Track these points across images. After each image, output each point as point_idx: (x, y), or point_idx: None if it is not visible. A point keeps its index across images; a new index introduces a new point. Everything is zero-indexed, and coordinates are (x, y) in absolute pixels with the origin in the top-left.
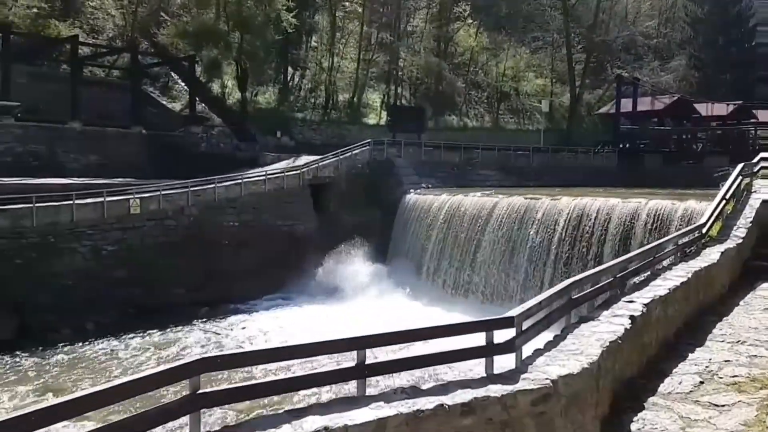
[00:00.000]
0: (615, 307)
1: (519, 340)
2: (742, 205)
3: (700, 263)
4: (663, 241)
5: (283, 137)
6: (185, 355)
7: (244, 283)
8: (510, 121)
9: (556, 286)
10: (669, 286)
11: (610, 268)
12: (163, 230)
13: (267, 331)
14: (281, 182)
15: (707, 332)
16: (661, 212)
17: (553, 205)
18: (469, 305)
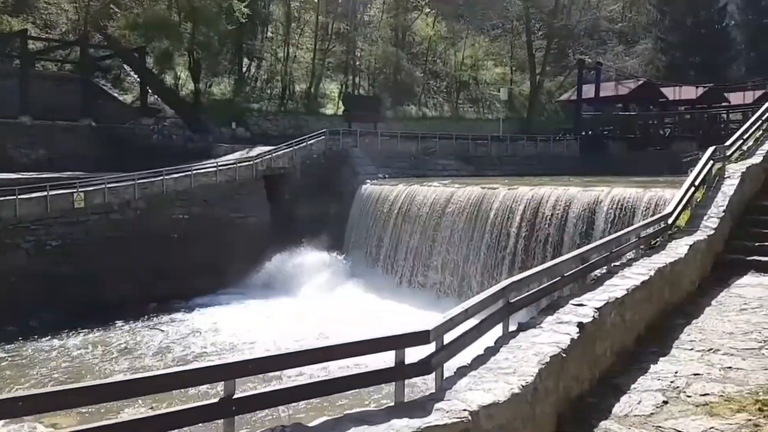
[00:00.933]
0: (561, 312)
1: (437, 358)
2: (713, 192)
3: (665, 258)
4: (622, 233)
5: (239, 128)
6: (131, 352)
7: (195, 277)
8: (469, 110)
9: (490, 288)
10: (627, 286)
11: (556, 267)
12: (110, 224)
13: (217, 330)
14: (233, 174)
15: (673, 338)
16: (625, 201)
17: (510, 195)
18: (425, 298)
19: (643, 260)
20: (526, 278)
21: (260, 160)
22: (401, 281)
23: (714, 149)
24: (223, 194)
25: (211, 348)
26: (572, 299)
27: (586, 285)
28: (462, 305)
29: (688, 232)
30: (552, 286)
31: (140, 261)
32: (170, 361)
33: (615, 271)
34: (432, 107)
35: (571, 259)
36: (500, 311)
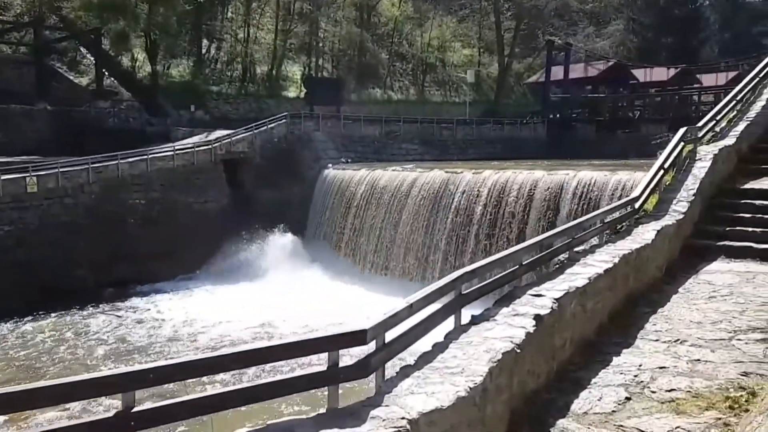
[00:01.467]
0: (518, 303)
1: (377, 358)
2: (684, 175)
3: (631, 244)
4: (585, 219)
5: (198, 111)
6: (85, 339)
7: (152, 263)
8: (436, 93)
9: (440, 280)
10: (589, 275)
11: (514, 255)
12: (63, 209)
13: (172, 317)
14: (191, 158)
15: (638, 328)
16: (591, 185)
17: (474, 180)
18: (387, 283)
19: (608, 246)
20: (481, 268)
21: (219, 144)
22: (364, 267)
23: (685, 130)
24: (180, 179)
25: (165, 334)
26: (530, 289)
27: (546, 274)
28: (408, 299)
29: (655, 216)
30: (509, 275)
31: (96, 247)
32: (124, 347)
33: (577, 258)
34: (397, 90)
35: (531, 247)
36: (451, 304)
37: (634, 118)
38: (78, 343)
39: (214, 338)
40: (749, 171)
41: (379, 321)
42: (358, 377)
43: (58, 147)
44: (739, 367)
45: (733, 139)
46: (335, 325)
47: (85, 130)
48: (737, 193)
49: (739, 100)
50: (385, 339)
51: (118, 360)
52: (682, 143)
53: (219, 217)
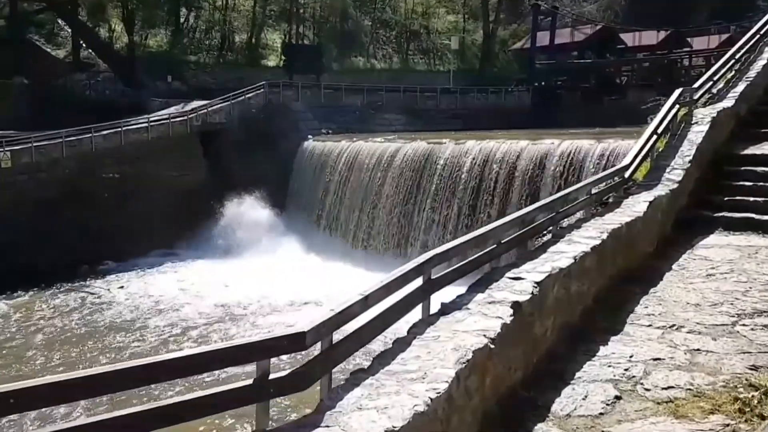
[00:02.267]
0: (495, 288)
1: (321, 365)
2: (678, 140)
3: (620, 217)
4: (570, 190)
5: (175, 82)
6: (57, 317)
7: (127, 239)
8: (420, 61)
9: (405, 265)
10: (575, 253)
11: (491, 232)
12: (37, 184)
13: (148, 292)
14: (166, 130)
15: (628, 312)
16: (576, 154)
17: (457, 150)
18: (368, 258)
19: (595, 221)
20: (454, 248)
21: (195, 115)
22: (345, 241)
23: (681, 91)
24: (156, 151)
25: (139, 313)
26: (509, 271)
27: (528, 252)
28: (363, 290)
29: (647, 186)
30: (486, 256)
31: (70, 222)
32: (90, 328)
33: (562, 234)
34: (381, 59)
35: (511, 222)
36: (418, 291)
37: (621, 84)
38: (46, 324)
39: (176, 320)
40: (749, 135)
41: (324, 319)
42: (296, 390)
43: (35, 121)
44: (747, 360)
45: (732, 101)
46: (309, 304)
47: (62, 104)
48: (737, 159)
49: (737, 59)
50: (333, 340)
51: (86, 341)
52: (677, 106)
53: (195, 191)
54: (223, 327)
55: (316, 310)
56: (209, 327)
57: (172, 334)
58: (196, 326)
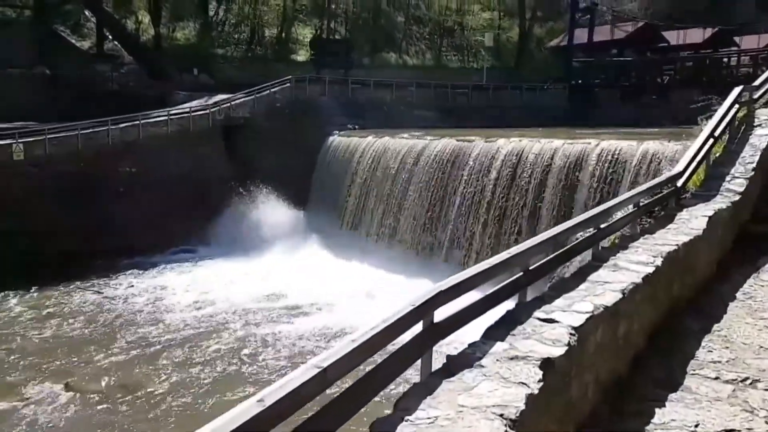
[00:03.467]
0: (519, 334)
1: None
2: (738, 145)
3: (676, 236)
4: (615, 202)
5: (202, 75)
6: (61, 318)
7: (143, 234)
8: (453, 58)
9: (401, 306)
10: (622, 285)
11: (519, 256)
12: (51, 177)
13: (160, 292)
14: (187, 123)
15: (687, 357)
16: (616, 155)
17: (487, 148)
18: (392, 259)
19: (645, 240)
20: (465, 282)
21: (217, 108)
22: (368, 240)
23: (741, 89)
24: (176, 145)
25: (146, 315)
26: (538, 308)
27: (562, 281)
28: (321, 359)
29: (704, 197)
30: (510, 287)
31: (85, 217)
32: (95, 327)
33: (604, 257)
34: (413, 55)
35: (541, 245)
36: (417, 340)
37: (662, 83)
38: (55, 322)
39: (190, 321)
40: None
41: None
42: None
43: (57, 112)
44: None
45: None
46: (328, 306)
47: (85, 95)
48: None
49: None
50: None
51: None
52: (736, 106)
53: (216, 186)
54: (237, 330)
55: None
56: (223, 330)
57: (182, 338)
58: (209, 329)
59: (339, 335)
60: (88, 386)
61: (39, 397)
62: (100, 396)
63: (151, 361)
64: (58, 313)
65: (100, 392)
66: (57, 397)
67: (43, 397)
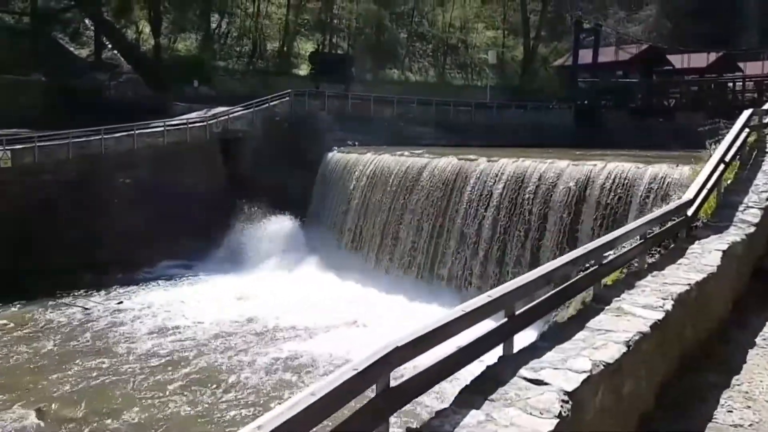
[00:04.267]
0: (499, 400)
1: None
2: (751, 171)
3: (688, 273)
4: (620, 233)
5: (202, 87)
6: (43, 335)
7: (136, 248)
8: (457, 76)
9: (344, 368)
10: (627, 335)
11: (503, 299)
12: (40, 187)
13: (150, 310)
14: (183, 135)
15: (705, 418)
16: (623, 179)
17: (489, 168)
18: (390, 280)
19: (653, 277)
20: (431, 335)
21: (215, 121)
22: (367, 260)
23: (751, 113)
24: (171, 157)
25: (130, 335)
26: (525, 364)
27: (554, 329)
28: None
29: (716, 228)
30: (493, 337)
31: (75, 228)
32: (80, 344)
33: (606, 298)
34: (416, 72)
35: (528, 285)
36: (368, 409)
37: (669, 106)
38: (34, 340)
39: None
40: None
41: None
42: None
43: (52, 120)
44: None
45: None
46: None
47: (82, 104)
48: None
49: None
50: None
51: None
52: (746, 130)
53: (212, 201)
54: (229, 352)
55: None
56: (204, 354)
57: (164, 361)
58: (191, 353)
59: (324, 367)
60: (62, 413)
61: (5, 425)
62: (74, 425)
63: (131, 385)
64: (37, 330)
65: (74, 420)
66: (26, 424)
67: (12, 426)
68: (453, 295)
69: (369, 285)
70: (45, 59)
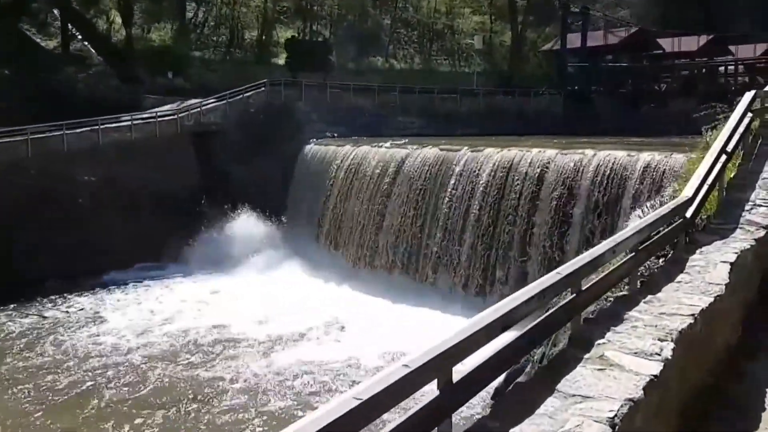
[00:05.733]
0: None
1: None
2: (757, 163)
3: (690, 296)
4: (605, 249)
5: (177, 79)
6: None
7: (104, 251)
8: (444, 62)
9: None
10: (613, 404)
11: (429, 364)
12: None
13: (106, 317)
14: (153, 129)
15: None
16: (616, 168)
17: (473, 159)
18: (372, 279)
19: (647, 304)
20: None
21: (186, 113)
22: (347, 259)
23: (753, 94)
24: (140, 153)
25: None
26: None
27: (512, 395)
28: None
29: (720, 232)
30: (430, 412)
31: (37, 231)
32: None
33: (587, 338)
34: (401, 59)
35: (481, 331)
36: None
37: (660, 91)
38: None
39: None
40: None
41: None
42: None
43: (17, 115)
44: None
45: None
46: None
47: (47, 97)
48: None
49: None
50: None
51: (21, 380)
52: (750, 115)
53: (185, 198)
54: (203, 361)
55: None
56: (185, 362)
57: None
58: (156, 365)
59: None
60: None
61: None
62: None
63: (88, 404)
64: None
65: None
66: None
67: None
68: (441, 295)
69: (350, 285)
70: (10, 52)
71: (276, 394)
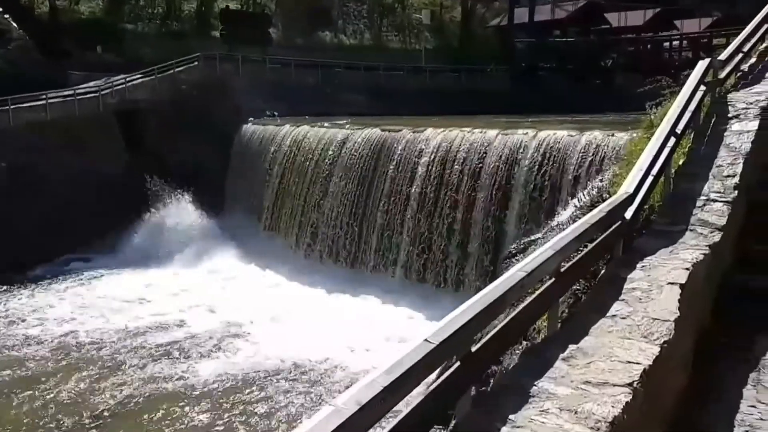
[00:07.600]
0: None
1: None
2: (710, 147)
3: (626, 349)
4: (523, 276)
5: (109, 54)
6: None
7: (19, 244)
8: (394, 39)
9: None
10: None
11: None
12: None
13: (34, 314)
14: (71, 108)
15: None
16: (557, 149)
17: (413, 140)
18: (313, 270)
19: (564, 363)
20: None
21: (111, 90)
22: (286, 248)
23: (707, 65)
24: (58, 135)
25: None
26: None
27: None
28: None
29: (666, 235)
30: None
31: None
32: None
33: (495, 411)
34: (351, 35)
35: None
36: None
37: (606, 67)
38: None
39: (54, 358)
40: None
41: None
42: None
43: None
44: None
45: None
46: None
47: None
48: None
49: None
50: None
51: None
52: (702, 89)
53: (112, 183)
54: (127, 363)
55: None
56: (109, 364)
57: (42, 377)
58: (75, 367)
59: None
60: None
61: None
62: None
63: None
64: None
65: None
66: None
67: None
68: (382, 283)
69: (289, 275)
70: None
71: None
